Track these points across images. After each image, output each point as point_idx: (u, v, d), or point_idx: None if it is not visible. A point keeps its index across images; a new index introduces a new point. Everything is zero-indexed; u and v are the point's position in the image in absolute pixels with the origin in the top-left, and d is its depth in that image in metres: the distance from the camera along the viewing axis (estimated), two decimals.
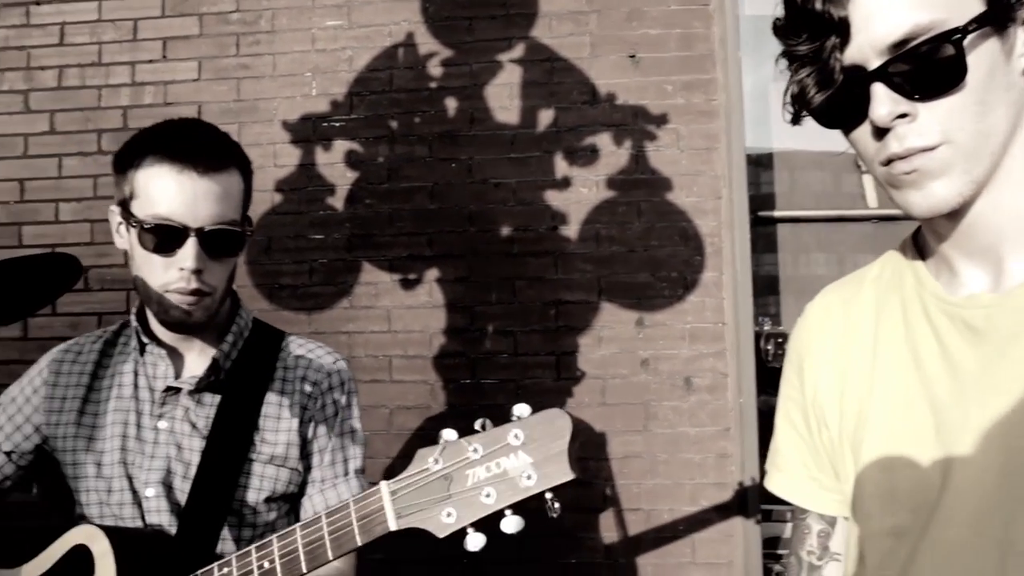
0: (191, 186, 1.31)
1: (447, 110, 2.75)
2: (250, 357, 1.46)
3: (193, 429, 1.40)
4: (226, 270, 1.39)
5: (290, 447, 1.41)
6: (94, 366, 1.49)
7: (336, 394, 1.47)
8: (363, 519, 0.99)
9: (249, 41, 2.88)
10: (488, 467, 0.91)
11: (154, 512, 1.37)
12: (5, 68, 3.01)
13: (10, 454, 1.49)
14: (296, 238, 2.76)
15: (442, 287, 2.69)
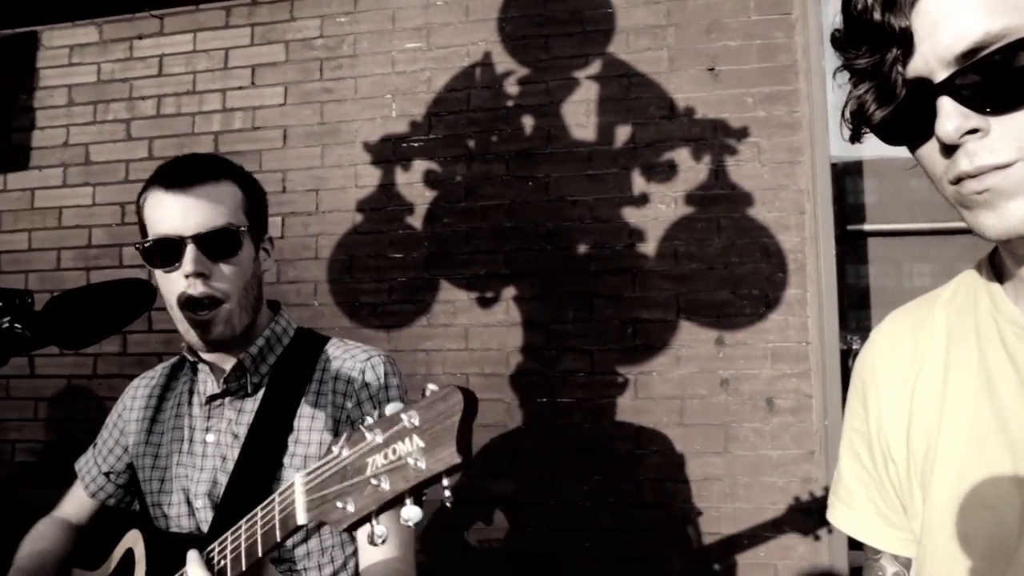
0: (181, 200, 1.45)
1: (524, 128, 2.90)
2: (289, 363, 1.57)
3: (235, 439, 1.52)
4: (235, 275, 1.48)
5: (322, 447, 1.48)
6: (161, 389, 1.68)
7: (372, 388, 1.53)
8: (283, 512, 1.02)
9: (332, 65, 3.11)
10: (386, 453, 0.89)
11: (204, 522, 1.50)
12: (110, 99, 3.36)
13: (108, 474, 1.71)
14: (376, 257, 2.96)
15: (519, 305, 2.83)
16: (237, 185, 1.52)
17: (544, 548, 2.73)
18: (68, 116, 3.41)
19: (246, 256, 1.50)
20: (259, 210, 1.58)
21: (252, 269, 1.52)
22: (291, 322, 1.63)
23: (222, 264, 1.45)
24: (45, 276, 3.35)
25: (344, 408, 1.50)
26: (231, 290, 1.46)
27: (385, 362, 1.55)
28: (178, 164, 1.52)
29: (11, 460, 3.32)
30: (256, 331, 1.56)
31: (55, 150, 3.42)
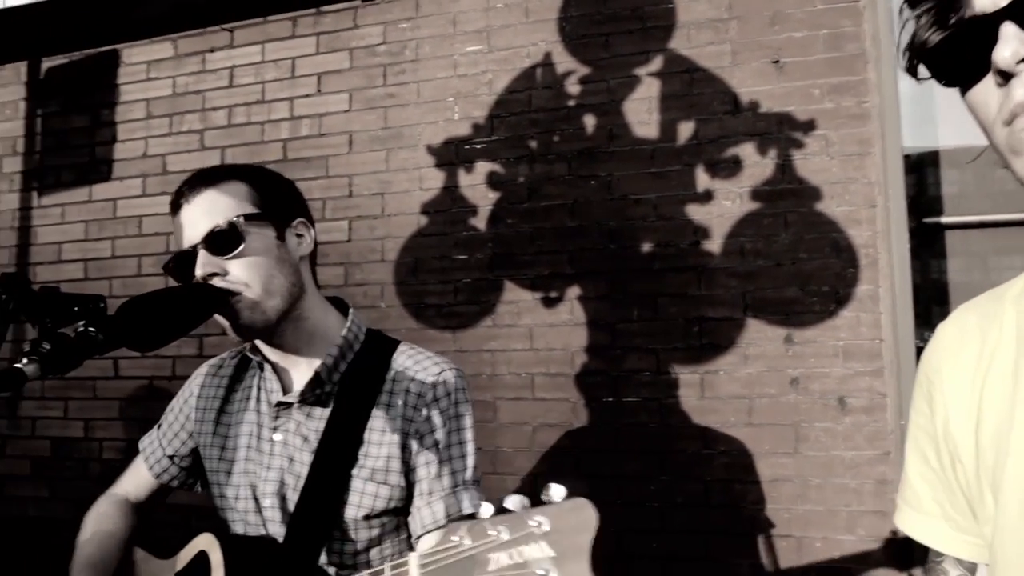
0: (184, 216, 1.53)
1: (586, 127, 2.97)
2: (360, 370, 1.60)
3: (304, 442, 1.57)
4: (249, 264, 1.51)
5: (391, 461, 1.53)
6: (230, 380, 1.73)
7: (442, 405, 1.56)
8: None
9: (395, 71, 3.24)
10: (511, 554, 0.91)
11: (272, 521, 1.56)
12: (184, 111, 3.57)
13: (172, 457, 1.79)
14: (441, 259, 3.08)
15: (583, 305, 2.90)
16: (242, 181, 1.57)
17: (610, 548, 2.79)
18: (147, 128, 3.64)
19: (258, 244, 1.54)
20: (275, 197, 1.61)
21: (275, 255, 1.55)
22: (361, 325, 1.67)
23: (232, 259, 1.50)
24: (127, 282, 3.59)
25: (413, 421, 1.54)
26: (248, 279, 1.50)
27: (456, 377, 1.59)
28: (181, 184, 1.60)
29: (99, 457, 3.57)
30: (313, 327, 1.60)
31: (135, 161, 3.65)
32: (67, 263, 3.72)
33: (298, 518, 1.52)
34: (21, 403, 3.74)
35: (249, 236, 1.52)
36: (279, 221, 1.59)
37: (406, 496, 1.55)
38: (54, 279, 3.71)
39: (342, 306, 1.72)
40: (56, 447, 3.65)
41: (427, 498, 1.53)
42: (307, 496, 1.52)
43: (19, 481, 3.70)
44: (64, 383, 3.65)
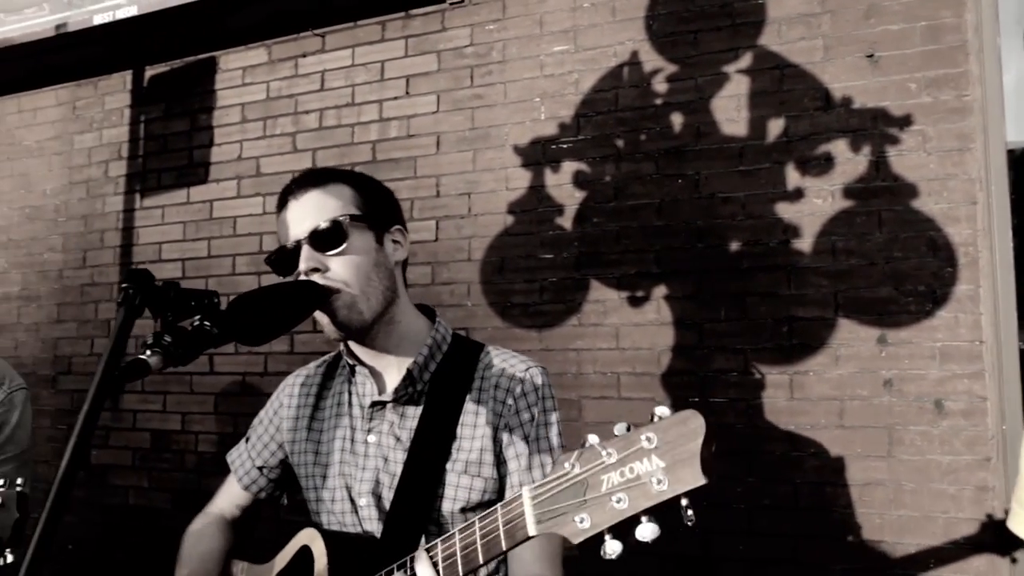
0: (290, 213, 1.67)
1: (673, 126, 3.08)
2: (449, 370, 1.73)
3: (397, 442, 1.69)
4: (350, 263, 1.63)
5: (484, 453, 1.65)
6: (319, 388, 1.87)
7: (530, 398, 1.69)
8: (507, 524, 1.13)
9: (482, 72, 3.42)
10: (622, 472, 0.99)
11: (367, 520, 1.69)
12: (278, 115, 3.83)
13: (261, 468, 1.92)
14: (527, 258, 3.23)
15: (670, 304, 3.01)
16: (346, 184, 1.70)
17: (696, 550, 2.89)
18: (242, 132, 3.92)
19: (360, 245, 1.66)
20: (376, 203, 1.74)
21: (374, 258, 1.68)
22: (448, 328, 1.81)
23: (334, 256, 1.62)
24: (222, 280, 3.87)
25: (503, 416, 1.67)
26: (348, 278, 1.62)
27: (542, 373, 1.73)
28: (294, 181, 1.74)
29: (194, 450, 3.86)
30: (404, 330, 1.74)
31: (230, 164, 3.93)
32: (166, 262, 4.03)
33: (395, 513, 1.64)
34: (124, 396, 4.07)
35: (351, 236, 1.66)
36: (379, 226, 1.74)
37: (498, 489, 1.67)
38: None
39: (429, 312, 1.86)
40: (155, 439, 3.96)
41: (518, 490, 1.66)
42: (403, 491, 1.64)
43: (121, 470, 4.02)
44: (163, 378, 3.96)
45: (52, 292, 4.37)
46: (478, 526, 1.20)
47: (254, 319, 1.38)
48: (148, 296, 1.18)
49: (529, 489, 1.12)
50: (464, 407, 1.69)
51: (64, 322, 4.31)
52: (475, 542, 1.20)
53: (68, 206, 4.38)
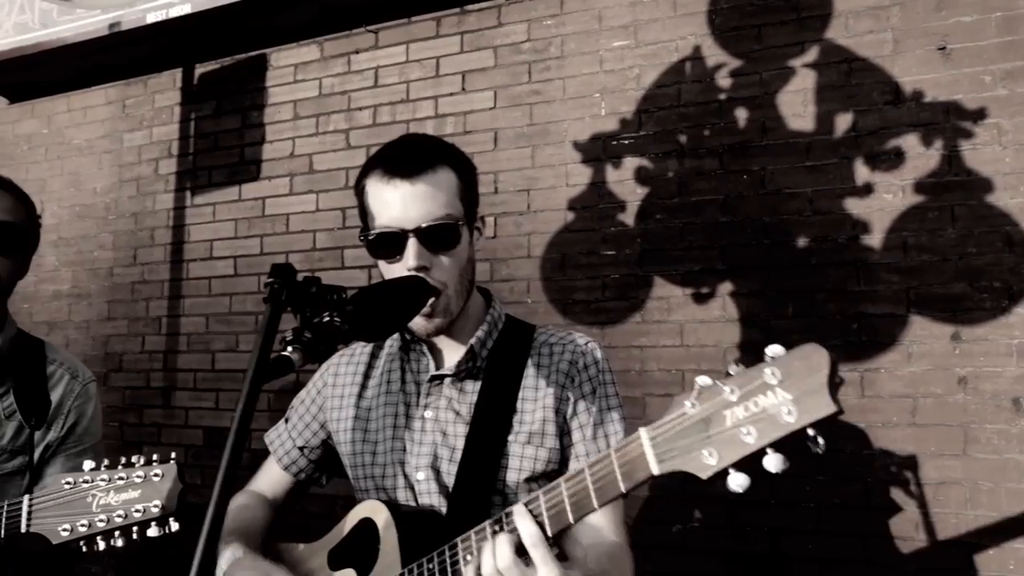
0: (402, 192, 1.61)
1: (737, 121, 3.07)
2: (506, 346, 1.75)
3: (457, 416, 1.70)
4: (454, 264, 1.64)
5: (546, 424, 1.67)
6: (365, 366, 1.87)
7: (591, 371, 1.72)
8: (624, 465, 1.15)
9: (540, 68, 3.42)
10: (746, 406, 1.01)
11: (425, 494, 1.69)
12: (331, 111, 3.85)
13: (303, 449, 1.92)
14: (588, 254, 3.23)
15: (736, 301, 3.00)
16: (453, 170, 1.67)
17: (764, 548, 2.87)
18: (294, 129, 3.94)
19: (463, 244, 1.66)
20: (473, 193, 1.74)
21: (468, 254, 1.70)
22: (502, 309, 1.85)
23: (443, 256, 1.62)
24: None
25: (565, 387, 1.70)
26: (450, 279, 1.64)
27: (601, 347, 1.78)
28: (398, 150, 1.69)
29: (248, 447, 3.86)
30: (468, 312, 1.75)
31: (283, 161, 3.95)
32: (218, 260, 4.06)
33: (460, 485, 1.65)
34: (175, 393, 4.10)
35: (461, 235, 1.68)
36: (473, 217, 1.75)
37: (560, 460, 1.69)
38: (206, 275, 4.07)
39: (483, 291, 1.88)
40: (208, 436, 4.00)
41: (584, 460, 1.67)
42: (467, 464, 1.65)
43: None
44: (216, 375, 3.99)
45: (102, 290, 4.41)
46: (588, 472, 1.20)
47: (378, 315, 1.39)
48: (292, 291, 1.19)
49: (647, 430, 1.13)
50: (523, 381, 1.72)
51: (114, 320, 4.35)
52: (586, 487, 1.20)
53: (118, 204, 4.41)
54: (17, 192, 2.14)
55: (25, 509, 1.59)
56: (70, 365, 2.24)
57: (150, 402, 4.16)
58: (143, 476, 1.51)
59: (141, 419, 4.17)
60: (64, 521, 1.53)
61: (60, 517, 1.54)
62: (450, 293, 1.66)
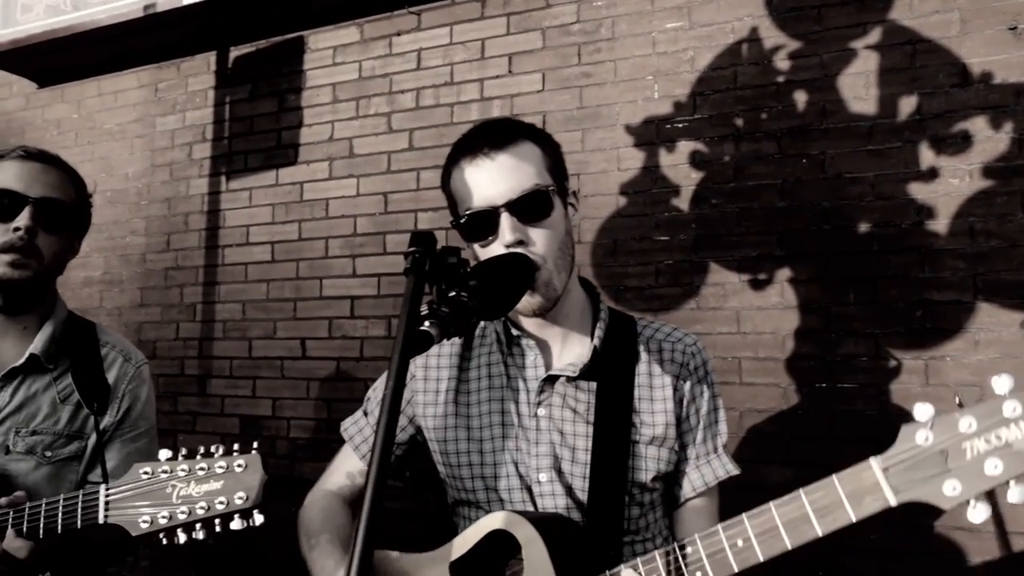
0: (486, 170, 1.58)
1: (796, 104, 3.00)
2: (614, 343, 1.71)
3: (575, 415, 1.65)
4: (550, 236, 1.59)
5: (668, 427, 1.65)
6: (459, 359, 1.81)
7: (700, 372, 1.72)
8: (853, 495, 1.16)
9: (590, 50, 3.35)
10: (987, 439, 1.05)
11: (548, 496, 1.63)
12: (371, 94, 3.78)
13: None
14: (641, 240, 3.16)
15: (794, 287, 2.94)
16: (536, 144, 1.64)
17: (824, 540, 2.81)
18: (333, 112, 3.88)
19: (557, 215, 1.62)
20: (560, 166, 1.70)
21: (564, 227, 1.65)
22: (604, 303, 1.79)
23: (537, 227, 1.58)
24: (314, 264, 3.83)
25: (677, 389, 1.68)
26: (548, 253, 1.59)
27: (703, 346, 1.77)
28: (477, 132, 1.67)
29: (286, 436, 3.83)
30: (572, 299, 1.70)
31: (321, 145, 3.89)
32: (255, 245, 4.00)
33: (594, 490, 1.60)
34: (210, 381, 4.05)
35: (554, 205, 1.63)
36: (564, 191, 1.71)
37: (676, 460, 1.68)
38: (243, 261, 4.01)
39: (585, 282, 1.83)
40: (244, 425, 3.94)
41: (695, 462, 1.68)
42: (598, 467, 1.61)
43: None
44: (253, 362, 3.94)
45: (134, 276, 4.35)
46: (807, 499, 1.20)
47: (497, 292, 1.33)
48: (434, 262, 1.13)
49: (878, 460, 1.14)
50: (636, 380, 1.68)
51: (147, 306, 4.29)
52: (807, 514, 1.20)
53: (151, 189, 4.35)
54: (66, 169, 2.09)
55: (103, 499, 1.54)
56: (122, 348, 2.19)
57: (185, 390, 4.10)
58: (225, 467, 1.47)
59: (176, 407, 4.12)
60: (144, 512, 1.49)
61: (140, 508, 1.49)
62: (550, 267, 1.60)
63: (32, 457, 1.97)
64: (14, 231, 1.92)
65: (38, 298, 2.06)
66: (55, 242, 2.02)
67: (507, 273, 1.41)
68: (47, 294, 2.10)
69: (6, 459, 1.95)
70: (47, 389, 2.03)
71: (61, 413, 2.03)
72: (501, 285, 1.35)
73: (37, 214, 1.94)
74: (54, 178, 2.02)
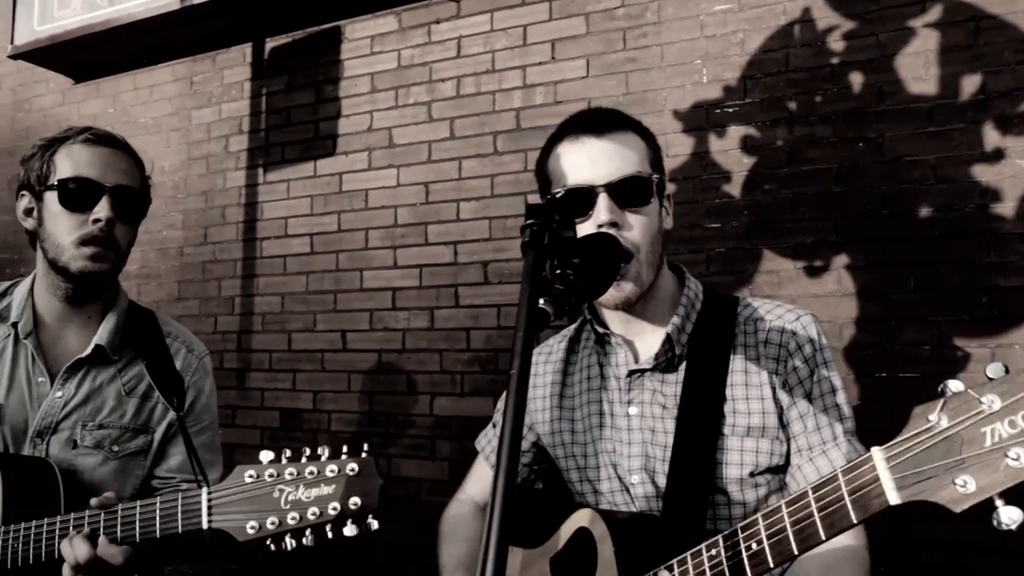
0: (589, 149, 1.53)
1: (852, 86, 2.89)
2: (707, 328, 1.60)
3: (663, 410, 1.57)
4: (646, 226, 1.52)
5: (766, 416, 1.51)
6: (563, 363, 1.78)
7: (806, 350, 1.53)
8: (855, 492, 0.96)
9: (636, 34, 3.25)
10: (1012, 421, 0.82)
11: (641, 498, 1.57)
12: (411, 84, 3.70)
13: None
14: (691, 227, 3.07)
15: (852, 274, 2.83)
16: (639, 136, 1.60)
17: (889, 532, 2.72)
18: (371, 102, 3.80)
19: (654, 207, 1.56)
20: (660, 165, 1.65)
21: (658, 222, 1.58)
22: (698, 284, 1.69)
23: (634, 213, 1.51)
24: (354, 255, 3.76)
25: (778, 373, 1.52)
26: (641, 243, 1.51)
27: (814, 321, 1.57)
28: (584, 115, 1.63)
29: (327, 429, 3.76)
30: (660, 292, 1.62)
31: (360, 135, 3.82)
32: (293, 237, 3.94)
33: (673, 487, 1.51)
34: (250, 375, 3.99)
35: (653, 195, 1.56)
36: (662, 189, 1.64)
37: (786, 452, 1.53)
38: (281, 253, 3.95)
39: (676, 269, 1.73)
40: (285, 418, 3.88)
41: (807, 454, 1.51)
42: (679, 463, 1.52)
43: (249, 450, 3.94)
44: (292, 355, 3.88)
45: (172, 269, 4.31)
46: (812, 496, 1.03)
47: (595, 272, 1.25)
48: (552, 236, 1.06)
49: (881, 450, 0.95)
50: (730, 366, 1.56)
51: (185, 300, 4.25)
52: (811, 515, 1.02)
53: (187, 182, 4.31)
54: (132, 152, 2.02)
55: (204, 502, 1.44)
56: (185, 339, 2.13)
57: (224, 383, 4.05)
58: (336, 470, 1.37)
59: None
60: (251, 518, 1.39)
61: (246, 513, 1.39)
62: (641, 259, 1.52)
63: (100, 452, 1.91)
64: (94, 222, 1.84)
65: (107, 288, 2.00)
66: (128, 231, 1.94)
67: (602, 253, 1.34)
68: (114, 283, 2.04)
69: (73, 453, 1.88)
70: (112, 381, 1.96)
71: (127, 407, 1.97)
72: (598, 265, 1.28)
73: (115, 203, 1.86)
74: (125, 163, 1.94)
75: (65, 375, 1.92)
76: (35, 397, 1.90)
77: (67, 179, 1.85)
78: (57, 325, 1.96)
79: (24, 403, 1.89)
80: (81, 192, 1.85)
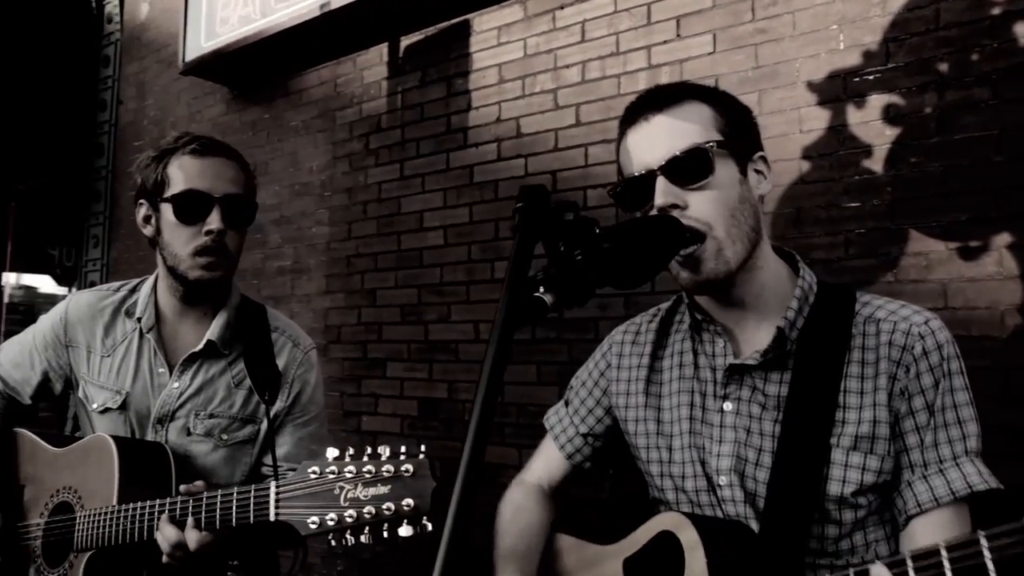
0: (641, 135, 1.44)
1: (1016, 40, 2.54)
2: (819, 324, 1.43)
3: (763, 411, 1.43)
4: (715, 200, 1.39)
5: (878, 426, 1.36)
6: (653, 346, 1.65)
7: (933, 358, 1.36)
8: None
9: (765, 3, 3.02)
10: None
11: (729, 502, 1.44)
12: (537, 72, 3.65)
13: (586, 436, 1.73)
14: (828, 208, 2.82)
15: (1015, 254, 2.49)
16: (704, 103, 1.45)
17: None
18: (499, 93, 3.78)
19: (724, 177, 1.41)
20: (739, 125, 1.48)
21: (738, 192, 1.43)
22: (813, 275, 1.53)
23: (696, 191, 1.39)
24: (486, 247, 3.76)
25: (898, 380, 1.36)
26: (714, 219, 1.39)
27: (942, 327, 1.39)
28: (638, 100, 1.51)
29: (462, 419, 3.79)
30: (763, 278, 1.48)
31: (489, 127, 3.81)
32: (428, 230, 4.00)
33: (774, 500, 1.38)
34: (389, 364, 4.09)
35: (716, 166, 1.41)
36: (742, 154, 1.48)
37: (894, 469, 1.37)
38: (417, 247, 4.02)
39: (788, 256, 1.57)
40: (422, 407, 3.95)
41: (920, 471, 1.35)
42: (781, 473, 1.38)
43: (391, 438, 4.05)
44: (428, 346, 3.93)
45: (320, 264, 4.50)
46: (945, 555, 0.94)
47: (635, 258, 1.15)
48: (544, 218, 0.98)
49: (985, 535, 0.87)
50: (845, 370, 1.39)
51: (332, 293, 4.42)
52: None
53: (333, 180, 4.47)
54: (238, 158, 2.08)
55: (273, 496, 1.49)
56: (291, 333, 2.18)
57: (368, 373, 4.18)
58: (392, 471, 1.36)
59: (359, 389, 4.21)
60: (312, 512, 1.41)
61: (308, 508, 1.42)
62: (719, 235, 1.38)
63: (210, 439, 2.03)
64: (206, 234, 1.93)
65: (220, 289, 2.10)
66: (238, 237, 2.03)
67: (649, 237, 1.22)
68: None
69: (187, 440, 2.01)
70: (223, 374, 2.07)
71: (235, 397, 2.06)
72: (640, 250, 1.16)
73: (225, 213, 1.94)
74: (232, 172, 2.01)
75: (181, 367, 2.03)
76: (156, 387, 2.03)
77: (180, 192, 1.93)
78: (175, 321, 2.09)
79: (147, 392, 2.03)
80: (193, 204, 1.93)
